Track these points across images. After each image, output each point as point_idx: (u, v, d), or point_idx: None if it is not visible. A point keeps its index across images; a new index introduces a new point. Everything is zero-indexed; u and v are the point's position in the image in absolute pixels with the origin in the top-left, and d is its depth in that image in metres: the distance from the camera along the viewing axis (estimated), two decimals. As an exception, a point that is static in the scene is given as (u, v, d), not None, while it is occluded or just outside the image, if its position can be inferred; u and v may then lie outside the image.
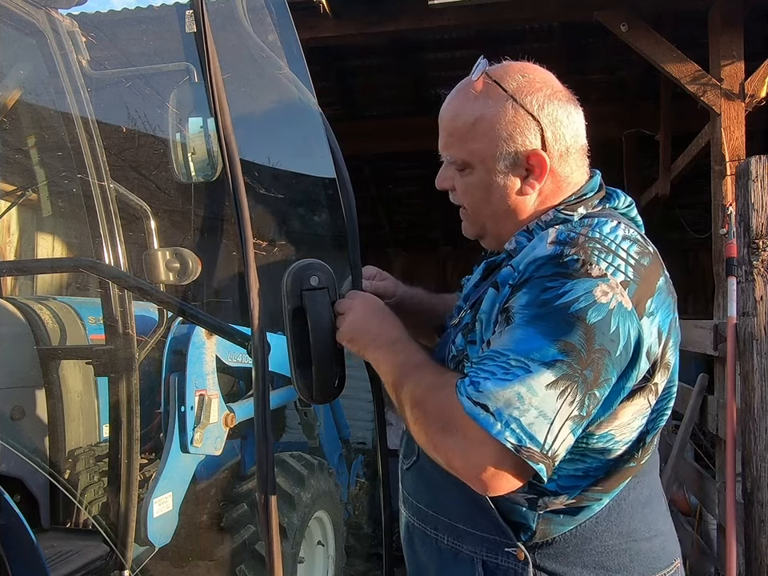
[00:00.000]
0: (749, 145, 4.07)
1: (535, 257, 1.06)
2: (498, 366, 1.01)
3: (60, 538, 2.12)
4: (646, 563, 1.15)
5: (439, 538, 1.22)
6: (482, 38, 5.76)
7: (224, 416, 2.58)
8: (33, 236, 5.86)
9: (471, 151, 1.17)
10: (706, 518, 3.84)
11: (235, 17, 1.60)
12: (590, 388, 1.00)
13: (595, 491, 1.11)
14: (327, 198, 4.03)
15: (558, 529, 1.11)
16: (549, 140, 1.15)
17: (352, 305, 1.26)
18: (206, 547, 2.61)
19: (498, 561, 1.14)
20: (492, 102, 1.16)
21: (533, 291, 1.03)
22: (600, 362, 1.00)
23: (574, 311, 1.00)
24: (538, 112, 1.15)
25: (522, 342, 1.01)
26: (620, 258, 1.05)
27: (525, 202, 1.19)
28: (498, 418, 0.98)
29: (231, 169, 1.25)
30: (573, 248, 1.04)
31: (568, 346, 0.99)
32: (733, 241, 2.84)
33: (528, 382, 0.98)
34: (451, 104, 1.23)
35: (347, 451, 4.12)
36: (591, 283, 1.01)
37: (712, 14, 4.17)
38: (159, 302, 2.12)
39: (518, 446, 0.98)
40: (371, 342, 1.21)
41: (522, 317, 1.03)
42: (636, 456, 1.14)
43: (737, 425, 2.73)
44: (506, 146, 1.15)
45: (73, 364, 2.31)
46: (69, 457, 2.25)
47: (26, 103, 2.59)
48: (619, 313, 1.01)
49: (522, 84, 1.17)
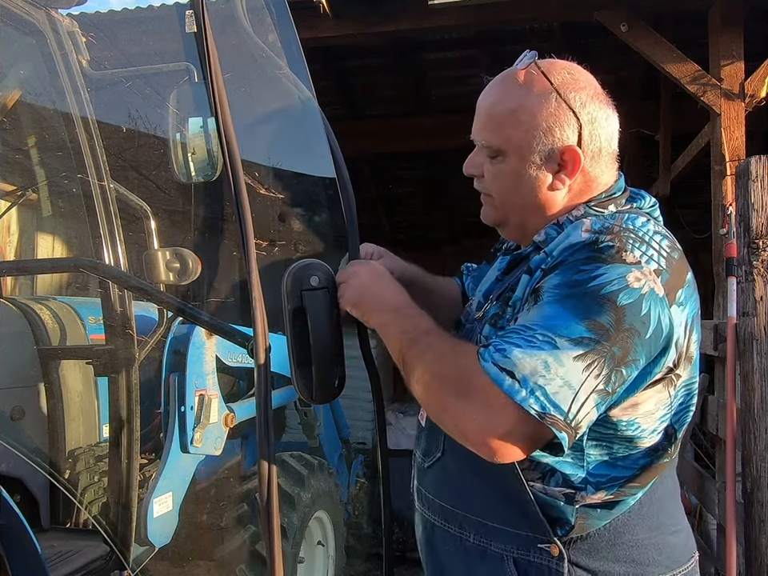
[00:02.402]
0: (749, 145, 4.07)
1: (570, 243, 1.07)
2: (523, 339, 1.02)
3: (60, 537, 2.12)
4: (672, 557, 1.17)
5: (464, 537, 1.20)
6: (482, 38, 5.75)
7: (224, 416, 2.58)
8: (33, 236, 5.85)
9: (508, 138, 1.17)
10: (706, 518, 3.84)
11: (235, 17, 1.60)
12: (618, 364, 1.01)
13: (632, 486, 1.13)
14: (327, 198, 4.02)
15: (595, 523, 1.12)
16: (585, 138, 1.16)
17: (356, 270, 1.25)
18: (206, 547, 2.61)
19: (530, 557, 1.13)
20: (536, 92, 1.16)
21: (566, 273, 1.05)
22: (629, 341, 1.01)
23: (605, 293, 1.01)
24: (579, 109, 1.15)
25: (549, 318, 1.02)
26: (653, 249, 1.06)
27: (554, 197, 1.19)
28: (523, 384, 0.99)
29: (231, 169, 1.24)
30: (608, 235, 1.05)
31: (596, 325, 1.00)
32: (733, 241, 2.84)
33: (554, 352, 0.99)
34: (493, 89, 1.22)
35: (347, 451, 4.12)
36: (625, 269, 1.02)
37: (712, 14, 4.16)
38: (159, 302, 2.12)
39: (541, 413, 0.98)
40: (377, 306, 1.21)
41: (552, 295, 1.04)
42: (669, 451, 1.16)
43: (737, 425, 2.73)
44: (544, 137, 1.15)
45: (73, 364, 2.31)
46: (69, 457, 2.25)
47: (25, 103, 2.59)
48: (651, 298, 1.03)
49: (568, 80, 1.17)
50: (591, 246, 1.04)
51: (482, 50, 5.98)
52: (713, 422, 3.15)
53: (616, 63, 6.12)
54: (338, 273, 1.27)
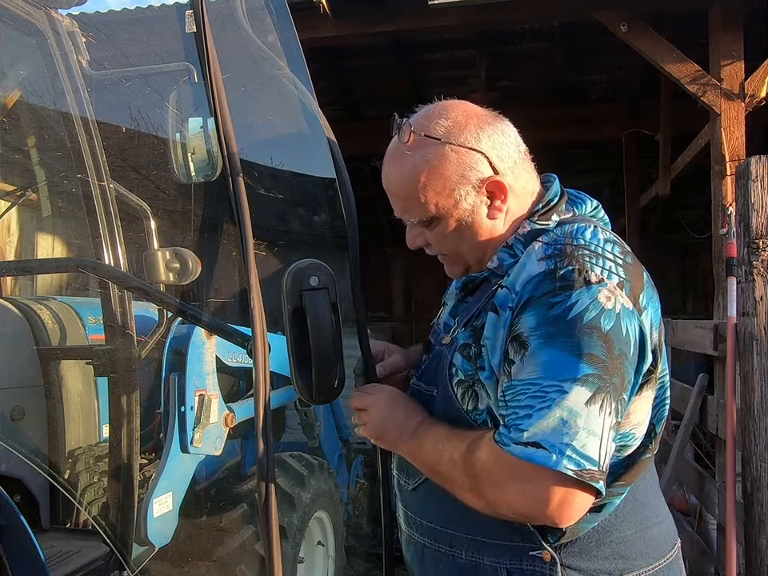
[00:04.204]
0: (749, 145, 4.07)
1: (530, 275, 1.09)
2: (532, 398, 1.03)
3: (60, 538, 2.11)
4: (657, 548, 1.20)
5: (456, 554, 1.21)
6: (482, 38, 5.76)
7: (224, 416, 2.57)
8: (33, 236, 5.85)
9: (432, 205, 1.19)
10: (706, 518, 3.84)
11: (235, 17, 1.60)
12: (620, 394, 1.04)
13: (618, 486, 1.15)
14: (327, 198, 4.02)
15: (584, 527, 1.14)
16: (496, 163, 1.18)
17: (375, 401, 1.27)
18: (206, 547, 2.61)
19: (522, 566, 1.15)
20: (431, 153, 1.17)
21: (539, 310, 1.05)
22: (622, 367, 1.04)
23: (587, 322, 1.02)
24: (476, 144, 1.17)
25: (548, 364, 1.03)
26: (609, 260, 1.08)
27: (496, 226, 1.22)
28: (551, 450, 1.00)
29: (231, 169, 1.25)
30: (565, 259, 1.07)
31: (593, 359, 1.02)
32: (733, 241, 2.84)
33: (566, 404, 1.01)
34: (392, 171, 1.24)
35: (347, 451, 4.12)
36: (594, 289, 1.04)
37: (712, 14, 4.16)
38: (159, 302, 2.11)
39: (578, 471, 1.00)
40: (399, 437, 1.24)
41: (538, 339, 1.05)
42: (650, 447, 1.19)
43: (737, 425, 2.73)
44: (462, 186, 1.17)
45: (73, 364, 2.31)
46: (69, 457, 2.25)
47: (26, 103, 2.59)
48: (625, 315, 1.05)
49: (449, 126, 1.18)
50: (552, 276, 1.06)
51: (482, 50, 5.98)
52: (713, 421, 3.15)
53: (616, 63, 6.13)
54: (355, 395, 1.30)
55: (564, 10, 4.43)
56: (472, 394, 1.16)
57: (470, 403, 1.16)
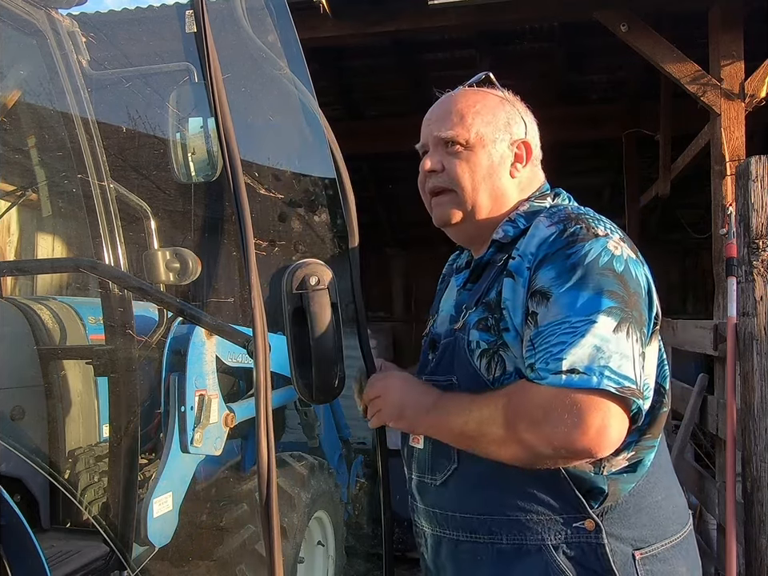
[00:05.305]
0: (749, 145, 4.07)
1: (542, 238, 1.19)
2: (564, 334, 1.10)
3: (60, 538, 2.11)
4: (680, 516, 1.29)
5: (496, 541, 1.22)
6: (482, 37, 5.75)
7: (224, 416, 2.57)
8: (33, 236, 5.85)
9: (474, 131, 1.33)
10: (706, 518, 3.84)
11: (235, 17, 1.60)
12: (640, 326, 1.13)
13: (647, 439, 1.21)
14: (327, 197, 4.03)
15: (624, 488, 1.19)
16: (530, 137, 1.39)
17: (385, 385, 1.31)
18: (206, 547, 2.61)
19: (568, 540, 1.17)
20: (492, 98, 1.39)
21: (557, 263, 1.15)
22: (638, 303, 1.14)
23: (602, 265, 1.13)
24: (523, 114, 1.40)
25: (573, 303, 1.11)
26: (608, 224, 1.21)
27: (510, 187, 1.36)
28: (590, 373, 1.06)
29: (231, 169, 1.25)
30: (572, 221, 1.19)
31: (614, 294, 1.11)
32: (733, 241, 2.84)
33: (598, 332, 1.08)
34: (455, 94, 1.40)
35: (347, 451, 4.12)
36: (603, 240, 1.16)
37: (712, 14, 4.16)
38: (159, 302, 2.12)
39: (619, 389, 1.06)
40: (418, 412, 1.26)
41: (559, 286, 1.13)
42: (665, 401, 1.26)
43: (737, 425, 2.73)
44: (504, 131, 1.35)
45: (73, 364, 2.31)
46: (69, 457, 2.25)
47: (25, 103, 2.59)
48: (632, 262, 1.17)
49: (511, 95, 1.43)
50: (563, 234, 1.18)
51: (482, 50, 5.98)
52: (713, 422, 3.15)
53: (616, 63, 6.13)
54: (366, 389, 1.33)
55: (564, 10, 4.43)
56: (498, 360, 1.20)
57: (498, 370, 1.21)
